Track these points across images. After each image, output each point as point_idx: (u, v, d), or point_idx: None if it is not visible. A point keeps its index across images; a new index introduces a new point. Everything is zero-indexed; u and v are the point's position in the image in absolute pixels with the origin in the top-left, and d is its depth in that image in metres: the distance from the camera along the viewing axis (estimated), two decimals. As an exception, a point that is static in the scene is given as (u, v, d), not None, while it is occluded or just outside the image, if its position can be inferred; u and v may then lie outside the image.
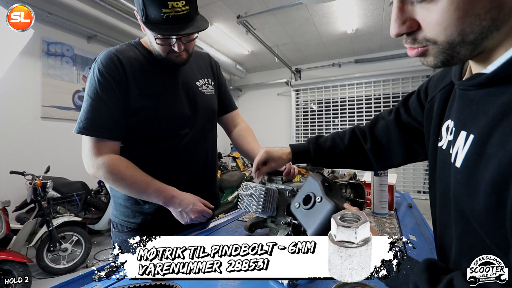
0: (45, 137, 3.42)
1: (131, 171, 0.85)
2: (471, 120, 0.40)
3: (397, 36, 0.41)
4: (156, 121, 0.91)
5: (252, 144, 1.10)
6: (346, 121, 5.73)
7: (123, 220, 0.97)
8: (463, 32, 0.35)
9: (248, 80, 6.71)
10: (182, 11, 0.79)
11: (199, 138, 1.01)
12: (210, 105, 1.05)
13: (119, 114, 0.87)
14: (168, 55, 0.89)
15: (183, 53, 0.90)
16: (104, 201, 3.46)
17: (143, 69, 0.91)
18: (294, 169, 0.92)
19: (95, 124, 0.84)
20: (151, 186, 0.85)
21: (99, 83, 0.85)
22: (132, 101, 0.88)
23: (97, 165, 0.84)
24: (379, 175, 1.12)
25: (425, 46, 0.39)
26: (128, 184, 0.84)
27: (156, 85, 0.93)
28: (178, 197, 0.86)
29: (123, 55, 0.89)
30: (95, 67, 0.86)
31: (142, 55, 0.94)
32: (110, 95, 0.85)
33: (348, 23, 4.13)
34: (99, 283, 0.59)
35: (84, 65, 3.87)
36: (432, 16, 0.36)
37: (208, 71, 1.09)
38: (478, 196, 0.36)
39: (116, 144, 0.89)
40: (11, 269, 2.15)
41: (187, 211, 0.85)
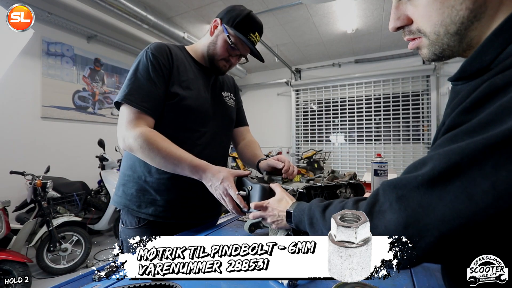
0: (45, 137, 3.42)
1: (166, 143, 0.88)
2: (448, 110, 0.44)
3: (394, 30, 0.47)
4: (184, 110, 0.97)
5: (255, 151, 1.14)
6: (346, 121, 5.73)
7: (132, 210, 0.97)
8: (445, 23, 0.40)
9: (248, 80, 6.71)
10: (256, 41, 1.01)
11: (215, 139, 1.05)
12: (230, 113, 1.14)
13: (162, 95, 0.93)
14: (220, 61, 1.02)
15: (229, 66, 1.05)
16: (104, 201, 3.46)
17: (185, 65, 1.01)
18: (293, 168, 0.92)
19: (140, 97, 0.89)
20: (185, 159, 0.86)
21: (151, 63, 0.92)
22: (170, 86, 0.95)
23: (134, 135, 0.86)
24: (379, 175, 1.12)
25: (419, 37, 0.45)
26: (163, 156, 0.86)
27: (193, 81, 1.01)
28: (209, 171, 0.86)
29: (171, 48, 0.99)
30: (148, 52, 0.94)
31: (185, 56, 1.04)
32: (158, 76, 0.92)
33: (348, 23, 4.13)
34: (99, 283, 0.59)
35: (84, 65, 3.87)
36: (419, 10, 0.42)
37: (232, 88, 1.22)
38: None
39: (153, 121, 0.93)
40: (11, 269, 2.15)
41: (215, 186, 0.85)
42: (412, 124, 5.16)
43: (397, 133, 5.30)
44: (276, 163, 0.91)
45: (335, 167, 5.82)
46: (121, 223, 1.02)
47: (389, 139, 5.36)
